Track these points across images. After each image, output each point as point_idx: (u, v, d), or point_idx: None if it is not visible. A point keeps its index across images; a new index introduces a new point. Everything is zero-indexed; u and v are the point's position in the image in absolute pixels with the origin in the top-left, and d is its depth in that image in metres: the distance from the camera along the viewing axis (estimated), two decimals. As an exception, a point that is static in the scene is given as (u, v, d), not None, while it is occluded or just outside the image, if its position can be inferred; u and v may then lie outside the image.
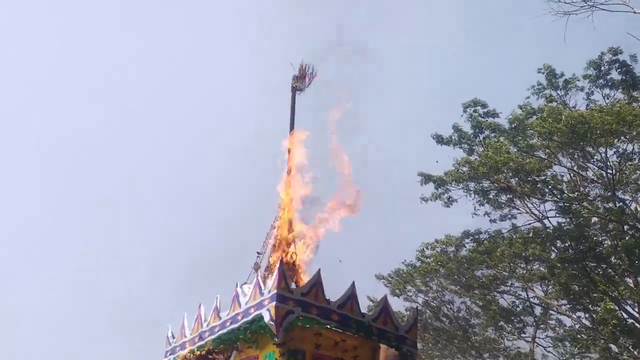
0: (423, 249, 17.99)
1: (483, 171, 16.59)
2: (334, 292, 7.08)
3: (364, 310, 7.32)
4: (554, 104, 16.47)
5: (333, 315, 6.80)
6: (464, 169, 17.29)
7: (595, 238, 16.07)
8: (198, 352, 7.26)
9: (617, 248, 15.73)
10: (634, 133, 14.87)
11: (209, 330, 7.25)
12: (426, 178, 18.00)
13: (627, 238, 15.30)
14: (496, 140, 17.16)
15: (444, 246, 17.75)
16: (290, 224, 8.07)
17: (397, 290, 18.61)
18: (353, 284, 7.11)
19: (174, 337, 7.90)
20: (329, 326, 6.67)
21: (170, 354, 7.81)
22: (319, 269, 6.90)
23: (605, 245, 16.08)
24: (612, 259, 16.22)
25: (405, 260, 18.88)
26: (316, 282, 6.82)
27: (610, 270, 16.16)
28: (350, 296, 7.03)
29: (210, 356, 7.19)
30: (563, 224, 16.59)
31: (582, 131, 15.55)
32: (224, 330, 6.98)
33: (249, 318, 6.66)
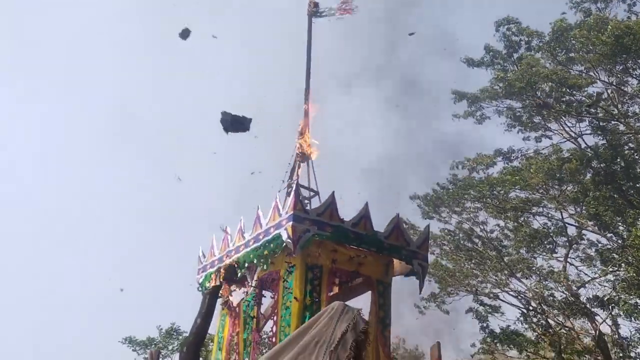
0: (454, 167, 18.53)
1: (519, 86, 16.82)
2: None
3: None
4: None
5: (347, 233, 7.63)
6: (500, 85, 17.57)
7: (631, 158, 16.35)
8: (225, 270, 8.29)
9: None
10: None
11: (235, 249, 8.22)
12: (460, 96, 18.37)
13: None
14: (532, 56, 17.30)
15: (475, 165, 18.31)
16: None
17: (430, 213, 19.40)
18: (366, 204, 7.88)
19: (204, 256, 8.95)
20: (344, 242, 7.51)
21: (202, 271, 8.88)
22: (333, 192, 7.67)
23: (641, 164, 16.38)
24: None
25: (438, 183, 19.61)
26: (331, 203, 7.62)
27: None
28: (364, 216, 7.81)
29: (237, 271, 8.18)
30: (599, 144, 16.88)
31: (628, 43, 15.55)
32: (248, 249, 7.93)
33: (269, 237, 7.56)
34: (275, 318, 7.45)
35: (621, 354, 17.05)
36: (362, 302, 8.13)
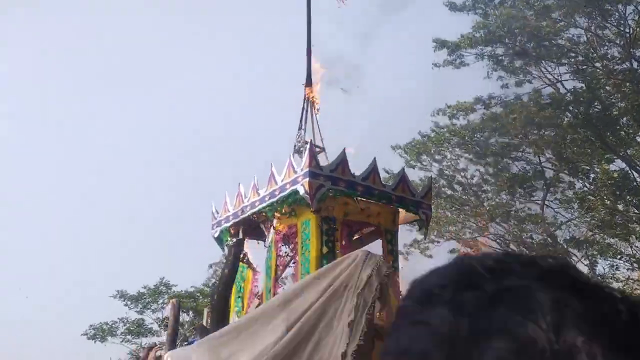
0: (434, 113, 19.69)
1: (499, 34, 17.90)
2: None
3: (383, 180, 9.23)
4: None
5: (358, 187, 8.66)
6: (480, 32, 18.58)
7: (608, 101, 17.74)
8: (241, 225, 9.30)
9: (633, 108, 17.44)
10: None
11: (250, 204, 9.17)
12: (440, 44, 19.31)
13: (640, 98, 16.96)
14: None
15: (455, 112, 19.45)
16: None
17: (411, 161, 20.61)
18: (374, 159, 8.91)
19: (218, 212, 9.87)
20: (355, 197, 8.57)
21: (216, 226, 9.82)
22: (344, 148, 8.67)
23: (617, 107, 17.77)
24: (625, 119, 18.01)
25: (420, 131, 20.77)
26: (342, 160, 8.61)
27: (622, 132, 17.99)
28: (372, 170, 8.84)
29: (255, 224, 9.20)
30: (578, 88, 18.18)
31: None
32: (264, 204, 8.90)
33: (286, 193, 8.54)
34: (295, 267, 8.54)
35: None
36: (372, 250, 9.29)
